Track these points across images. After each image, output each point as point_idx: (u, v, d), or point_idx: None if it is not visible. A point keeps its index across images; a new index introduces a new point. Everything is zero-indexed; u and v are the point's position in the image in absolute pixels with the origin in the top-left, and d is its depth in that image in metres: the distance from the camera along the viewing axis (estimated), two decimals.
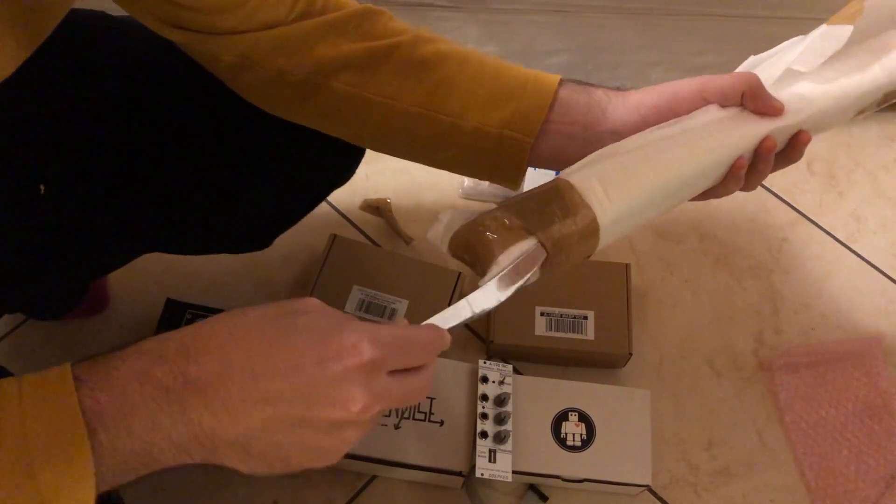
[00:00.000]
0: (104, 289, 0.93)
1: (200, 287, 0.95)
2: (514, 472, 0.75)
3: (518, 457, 0.76)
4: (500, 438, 0.75)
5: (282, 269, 0.98)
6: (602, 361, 0.90)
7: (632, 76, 1.11)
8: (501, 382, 0.79)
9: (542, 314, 0.89)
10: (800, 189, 1.09)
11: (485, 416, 0.77)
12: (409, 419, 0.77)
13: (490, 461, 0.74)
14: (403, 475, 0.81)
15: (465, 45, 0.58)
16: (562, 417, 0.79)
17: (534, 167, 0.58)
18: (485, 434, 0.76)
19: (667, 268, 1.01)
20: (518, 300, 0.90)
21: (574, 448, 0.78)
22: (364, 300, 0.88)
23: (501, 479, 0.74)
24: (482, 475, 0.74)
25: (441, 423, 0.78)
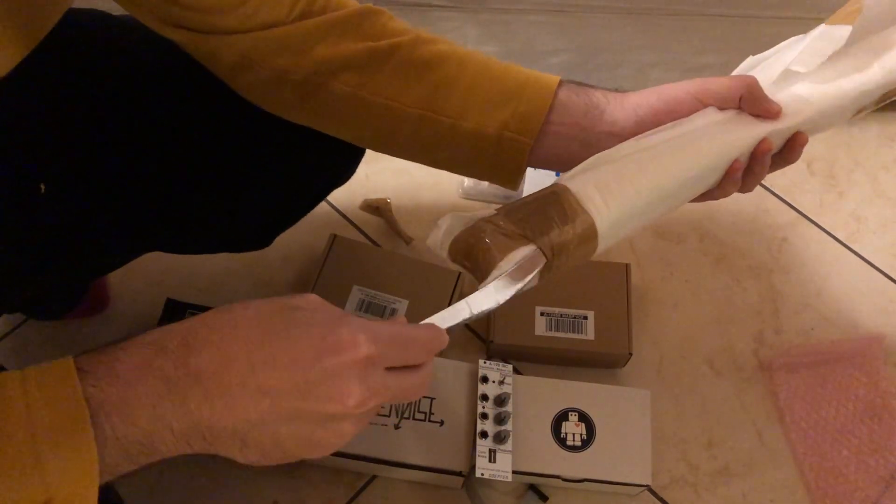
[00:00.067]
0: (104, 289, 0.93)
1: (200, 287, 0.95)
2: (514, 472, 0.75)
3: (518, 457, 0.76)
4: (500, 438, 0.75)
5: (282, 269, 0.98)
6: (602, 361, 0.90)
7: (632, 76, 1.11)
8: (501, 382, 0.79)
9: (542, 314, 0.89)
10: (800, 189, 1.09)
11: (485, 416, 0.77)
12: (409, 419, 0.77)
13: (490, 461, 0.74)
14: (403, 475, 0.81)
15: (465, 45, 0.58)
16: (562, 417, 0.79)
17: (533, 168, 0.58)
18: (485, 434, 0.76)
19: (667, 268, 1.01)
20: (518, 300, 0.90)
21: (574, 448, 0.78)
22: (364, 300, 0.88)
23: (501, 479, 0.74)
24: (482, 475, 0.74)
25: (441, 423, 0.78)
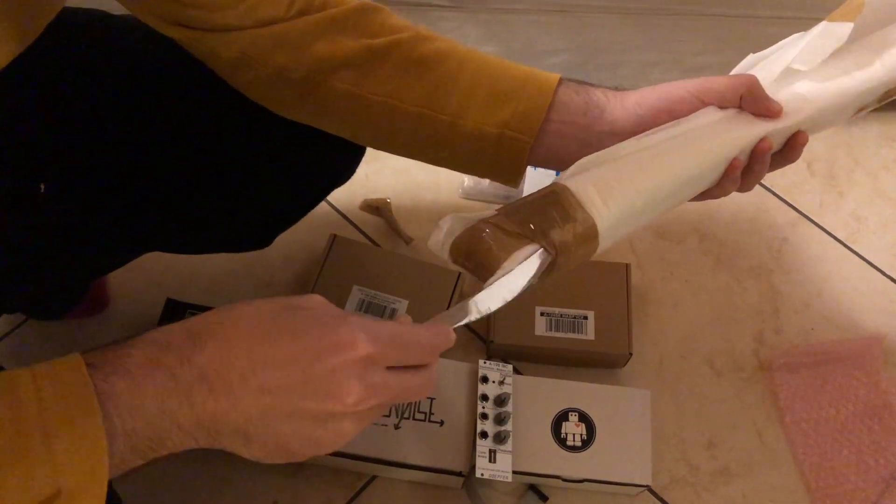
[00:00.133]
0: (104, 289, 0.93)
1: (200, 287, 0.95)
2: (514, 473, 0.75)
3: (518, 457, 0.76)
4: (501, 438, 0.75)
5: (282, 269, 0.98)
6: (602, 361, 0.90)
7: (632, 76, 1.11)
8: (501, 382, 0.79)
9: (542, 314, 0.89)
10: (800, 189, 1.09)
11: (485, 416, 0.77)
12: (409, 419, 0.77)
13: (490, 461, 0.74)
14: (403, 475, 0.81)
15: (465, 45, 0.58)
16: (562, 417, 0.79)
17: (533, 167, 0.58)
18: (485, 434, 0.76)
19: (667, 268, 1.01)
20: (518, 300, 0.91)
21: (574, 448, 0.78)
22: (364, 300, 0.88)
23: (501, 480, 0.74)
24: (482, 475, 0.74)
25: (441, 423, 0.78)
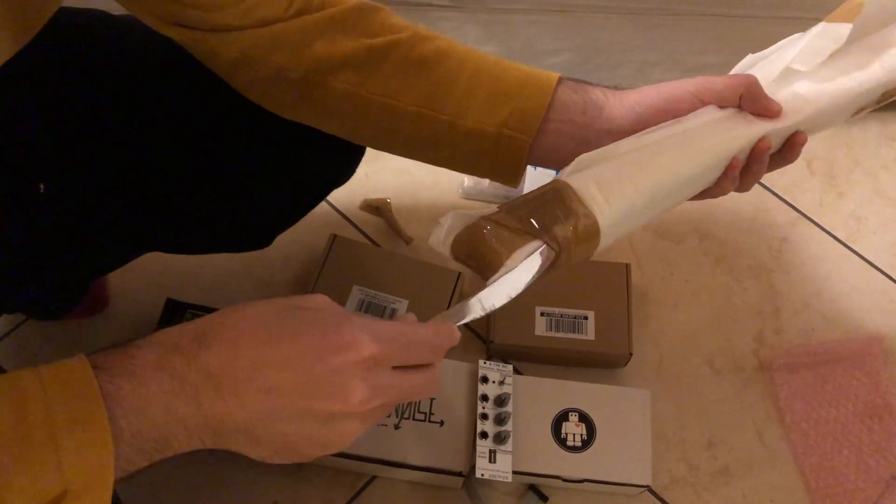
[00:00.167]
0: (104, 289, 0.93)
1: (200, 287, 0.95)
2: (515, 473, 0.75)
3: (518, 457, 0.76)
4: (501, 439, 0.75)
5: (282, 269, 0.97)
6: (602, 361, 0.90)
7: (632, 76, 1.11)
8: (501, 383, 0.79)
9: (542, 314, 0.89)
10: (800, 189, 1.09)
11: (485, 417, 0.77)
12: (409, 419, 0.77)
13: (490, 461, 0.74)
14: (403, 475, 0.81)
15: (465, 45, 0.58)
16: (562, 418, 0.79)
17: (533, 166, 0.58)
18: (485, 434, 0.76)
19: (667, 268, 1.01)
20: (518, 300, 0.91)
21: (574, 448, 0.78)
22: (364, 300, 0.88)
23: (501, 480, 0.74)
24: (482, 475, 0.74)
25: (441, 424, 0.78)
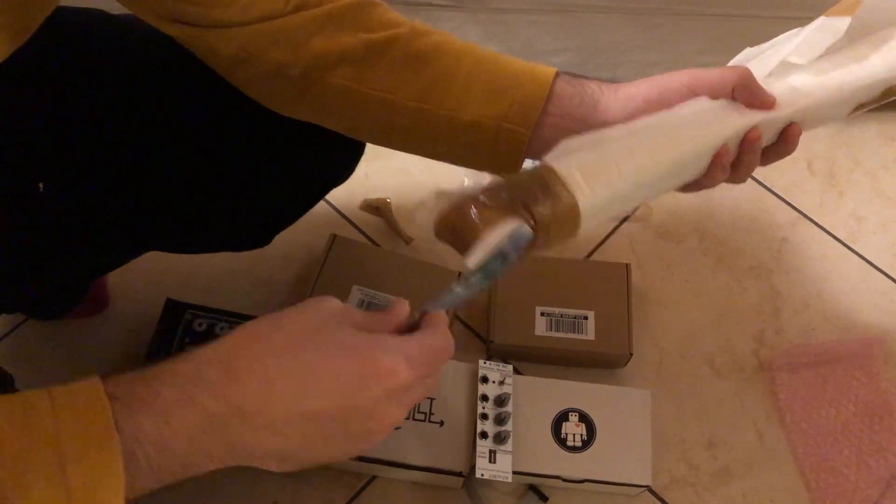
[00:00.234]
0: (104, 289, 0.93)
1: (200, 287, 0.95)
2: (515, 473, 0.75)
3: (518, 457, 0.76)
4: (501, 439, 0.75)
5: (282, 269, 0.97)
6: (602, 361, 0.90)
7: (632, 76, 1.10)
8: (501, 383, 0.79)
9: (542, 314, 0.89)
10: (800, 189, 1.09)
11: (485, 417, 0.77)
12: (409, 419, 0.77)
13: (490, 461, 0.74)
14: (403, 475, 0.81)
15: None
16: (562, 418, 0.79)
17: (531, 159, 0.58)
18: (485, 434, 0.76)
19: (667, 268, 1.01)
20: (518, 300, 0.91)
21: (574, 448, 0.78)
22: (364, 300, 0.88)
23: (501, 480, 0.74)
24: (482, 475, 0.74)
25: (441, 424, 0.78)
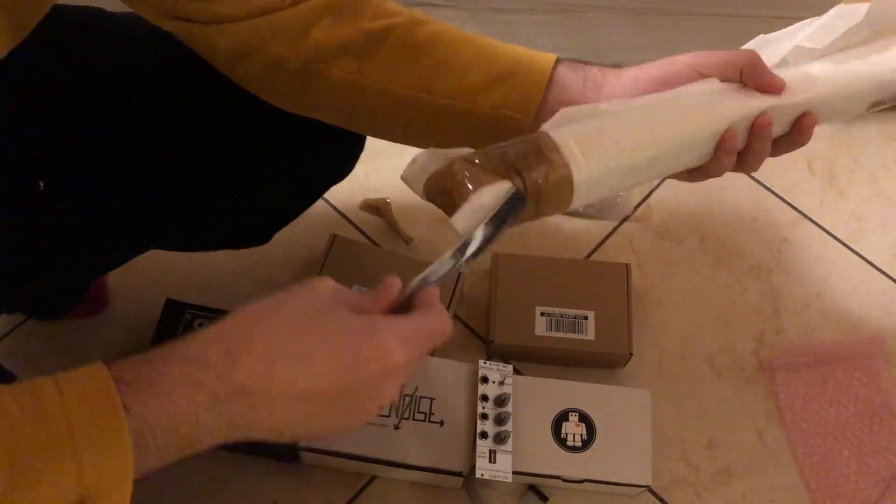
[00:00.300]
0: (104, 289, 0.93)
1: (200, 287, 0.95)
2: (515, 473, 0.75)
3: (518, 457, 0.76)
4: (501, 439, 0.75)
5: (282, 269, 0.97)
6: (602, 361, 0.90)
7: None
8: (501, 383, 0.79)
9: (542, 314, 0.88)
10: (800, 189, 1.09)
11: (485, 417, 0.77)
12: (409, 419, 0.77)
13: (490, 461, 0.74)
14: (403, 475, 0.81)
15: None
16: (562, 418, 0.79)
17: None
18: (485, 434, 0.76)
19: (667, 268, 1.01)
20: (518, 300, 0.91)
21: (574, 448, 0.78)
22: None
23: (501, 480, 0.74)
24: (482, 475, 0.74)
25: (441, 424, 0.78)
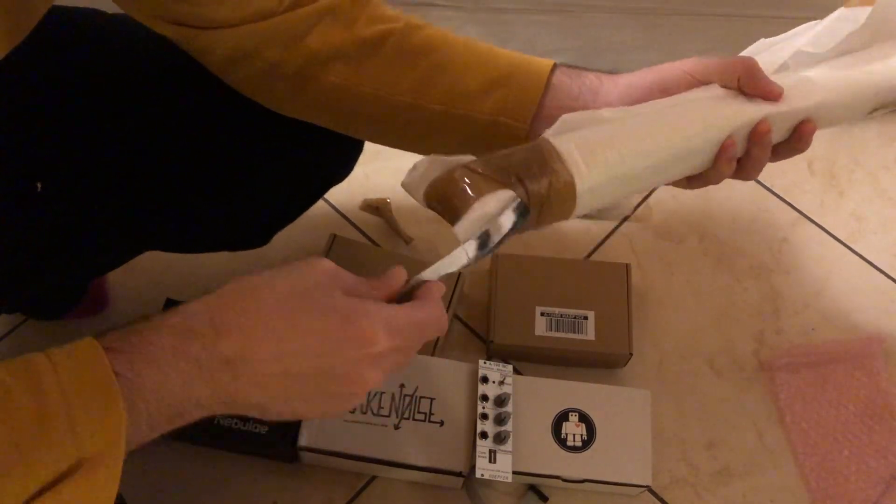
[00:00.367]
0: (104, 289, 0.93)
1: (200, 287, 0.94)
2: (515, 473, 0.75)
3: (518, 457, 0.76)
4: (501, 439, 0.75)
5: None
6: (602, 361, 0.90)
7: None
8: (501, 383, 0.79)
9: (542, 314, 0.88)
10: (800, 189, 1.09)
11: (485, 417, 0.76)
12: (409, 419, 0.77)
13: (490, 461, 0.74)
14: (403, 475, 0.81)
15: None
16: (562, 418, 0.79)
17: None
18: (485, 434, 0.76)
19: (667, 268, 1.01)
20: (518, 300, 0.91)
21: (574, 448, 0.78)
22: None
23: (501, 480, 0.74)
24: (482, 475, 0.74)
25: (441, 424, 0.78)
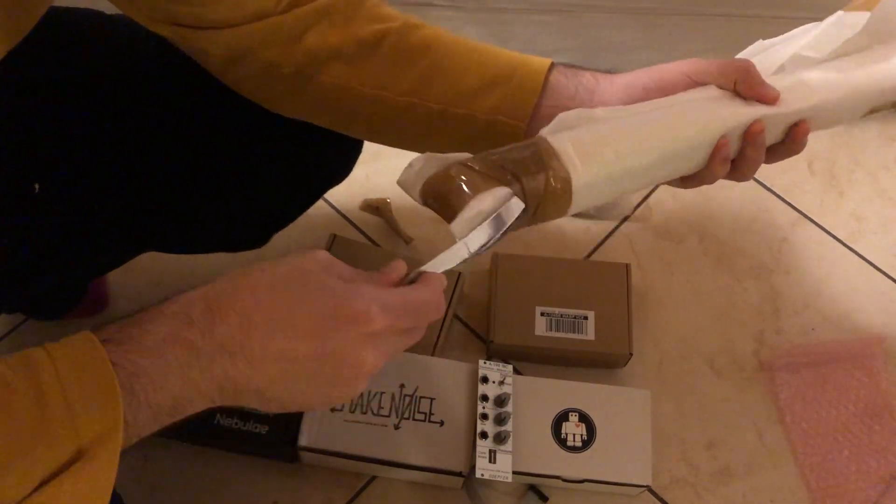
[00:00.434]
0: (103, 289, 0.93)
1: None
2: (515, 473, 0.75)
3: (518, 457, 0.76)
4: (501, 439, 0.75)
5: None
6: (602, 361, 0.90)
7: None
8: (501, 383, 0.79)
9: (542, 314, 0.88)
10: (800, 189, 1.09)
11: (485, 417, 0.77)
12: (409, 419, 0.77)
13: (490, 461, 0.74)
14: (403, 475, 0.81)
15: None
16: (562, 418, 0.79)
17: None
18: (485, 434, 0.76)
19: (667, 268, 1.01)
20: (518, 300, 0.91)
21: (574, 448, 0.78)
22: None
23: (501, 480, 0.74)
24: (482, 475, 0.74)
25: (441, 424, 0.78)
